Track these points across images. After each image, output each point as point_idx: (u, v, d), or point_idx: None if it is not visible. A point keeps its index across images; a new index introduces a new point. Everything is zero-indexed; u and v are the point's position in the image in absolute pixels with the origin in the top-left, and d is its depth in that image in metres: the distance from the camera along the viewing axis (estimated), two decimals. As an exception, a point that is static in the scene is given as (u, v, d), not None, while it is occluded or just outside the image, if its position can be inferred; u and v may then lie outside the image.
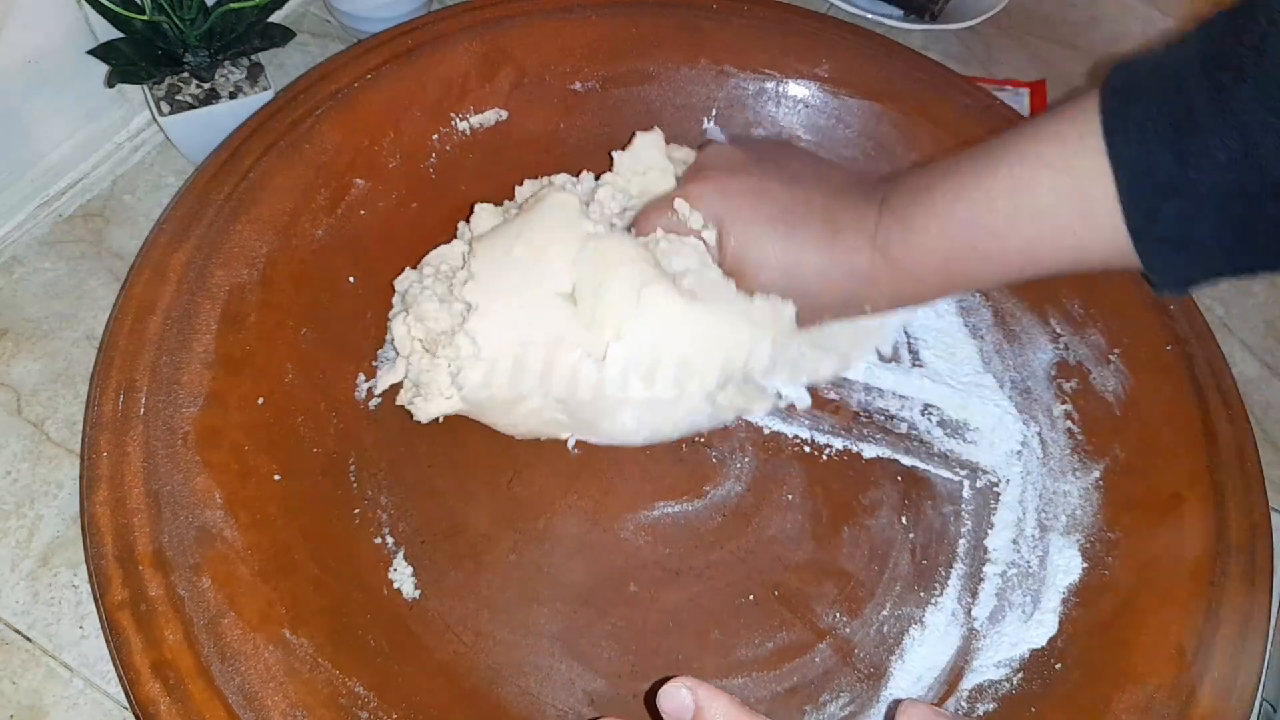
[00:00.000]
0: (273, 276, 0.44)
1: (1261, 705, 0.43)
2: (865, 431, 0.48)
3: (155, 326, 0.40)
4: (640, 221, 0.45)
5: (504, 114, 0.52)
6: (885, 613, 0.44)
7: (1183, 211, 0.34)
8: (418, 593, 0.41)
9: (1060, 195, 0.37)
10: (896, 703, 0.36)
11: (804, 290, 0.43)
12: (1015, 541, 0.46)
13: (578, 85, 0.54)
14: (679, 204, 0.43)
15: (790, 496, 0.46)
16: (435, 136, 0.51)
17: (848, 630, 0.43)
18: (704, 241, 0.43)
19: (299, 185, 0.46)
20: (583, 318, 0.41)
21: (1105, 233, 0.36)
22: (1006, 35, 0.72)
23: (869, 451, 0.48)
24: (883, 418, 0.49)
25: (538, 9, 0.53)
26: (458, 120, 0.51)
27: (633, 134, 0.49)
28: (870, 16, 0.69)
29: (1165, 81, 0.34)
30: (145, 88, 0.52)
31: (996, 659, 0.42)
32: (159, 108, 0.51)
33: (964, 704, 0.41)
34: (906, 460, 0.48)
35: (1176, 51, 0.34)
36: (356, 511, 0.43)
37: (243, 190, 0.44)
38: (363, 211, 0.48)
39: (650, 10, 0.54)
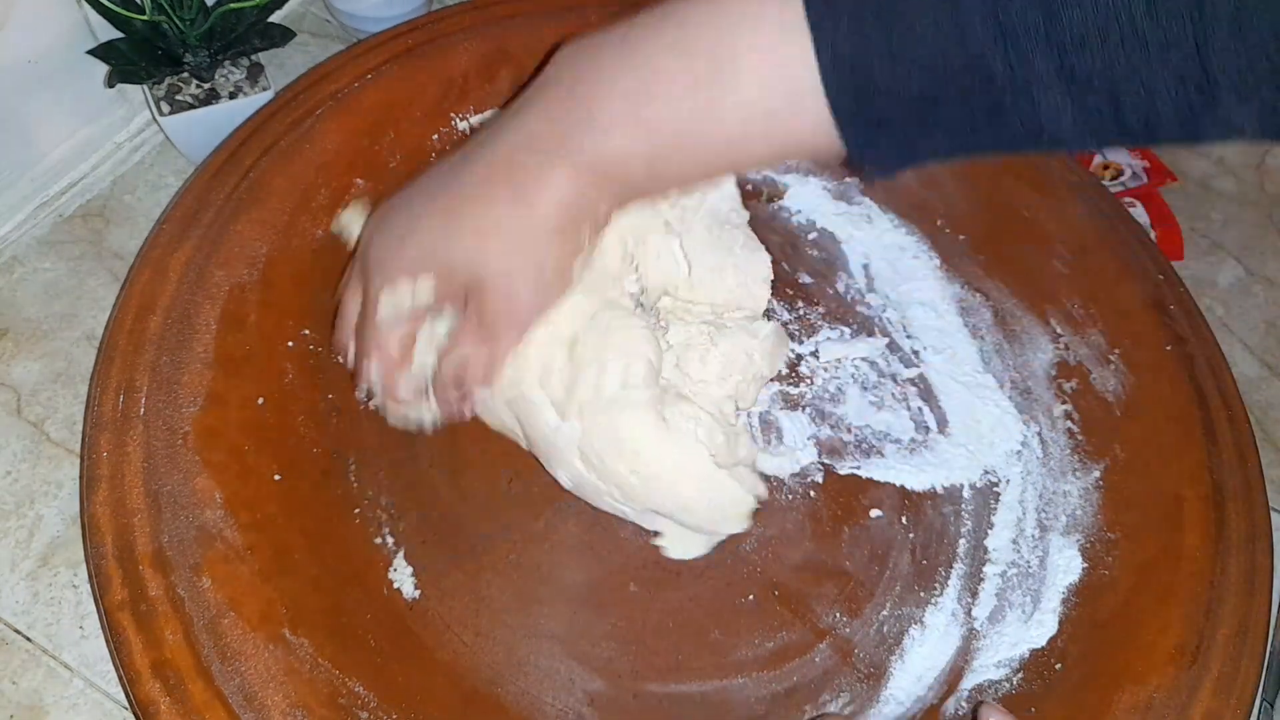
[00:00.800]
0: (273, 276, 0.44)
1: (1261, 705, 0.43)
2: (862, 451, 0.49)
3: (155, 326, 0.40)
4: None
5: (504, 114, 0.52)
6: (885, 613, 0.44)
7: (890, 89, 0.30)
8: (418, 593, 0.41)
9: (766, 85, 0.33)
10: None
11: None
12: (1015, 541, 0.46)
13: (578, 85, 0.53)
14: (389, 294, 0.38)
15: (790, 496, 0.46)
16: (435, 136, 0.51)
17: (848, 630, 0.43)
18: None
19: (299, 185, 0.46)
20: (567, 376, 0.40)
21: (811, 120, 0.32)
22: (1006, 35, 0.72)
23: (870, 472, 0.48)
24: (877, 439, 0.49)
25: (538, 9, 0.53)
26: (458, 120, 0.51)
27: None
28: (870, 16, 0.68)
29: None
30: (145, 88, 0.52)
31: (996, 659, 0.42)
32: (159, 108, 0.51)
33: (964, 704, 0.41)
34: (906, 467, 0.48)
35: None
36: (356, 511, 0.43)
37: (243, 190, 0.44)
38: (363, 211, 0.48)
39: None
